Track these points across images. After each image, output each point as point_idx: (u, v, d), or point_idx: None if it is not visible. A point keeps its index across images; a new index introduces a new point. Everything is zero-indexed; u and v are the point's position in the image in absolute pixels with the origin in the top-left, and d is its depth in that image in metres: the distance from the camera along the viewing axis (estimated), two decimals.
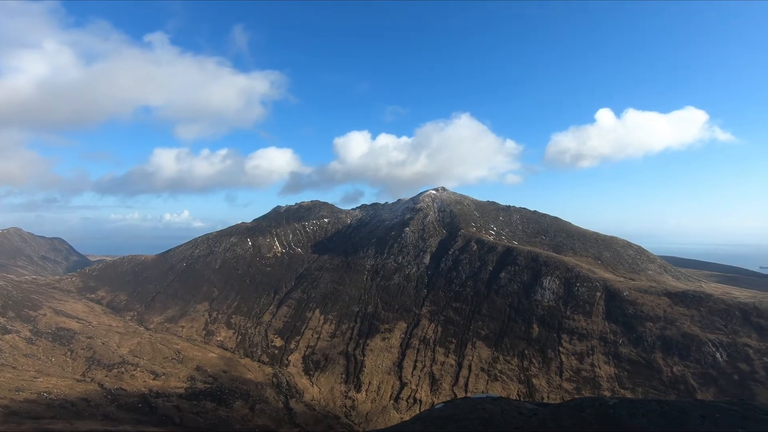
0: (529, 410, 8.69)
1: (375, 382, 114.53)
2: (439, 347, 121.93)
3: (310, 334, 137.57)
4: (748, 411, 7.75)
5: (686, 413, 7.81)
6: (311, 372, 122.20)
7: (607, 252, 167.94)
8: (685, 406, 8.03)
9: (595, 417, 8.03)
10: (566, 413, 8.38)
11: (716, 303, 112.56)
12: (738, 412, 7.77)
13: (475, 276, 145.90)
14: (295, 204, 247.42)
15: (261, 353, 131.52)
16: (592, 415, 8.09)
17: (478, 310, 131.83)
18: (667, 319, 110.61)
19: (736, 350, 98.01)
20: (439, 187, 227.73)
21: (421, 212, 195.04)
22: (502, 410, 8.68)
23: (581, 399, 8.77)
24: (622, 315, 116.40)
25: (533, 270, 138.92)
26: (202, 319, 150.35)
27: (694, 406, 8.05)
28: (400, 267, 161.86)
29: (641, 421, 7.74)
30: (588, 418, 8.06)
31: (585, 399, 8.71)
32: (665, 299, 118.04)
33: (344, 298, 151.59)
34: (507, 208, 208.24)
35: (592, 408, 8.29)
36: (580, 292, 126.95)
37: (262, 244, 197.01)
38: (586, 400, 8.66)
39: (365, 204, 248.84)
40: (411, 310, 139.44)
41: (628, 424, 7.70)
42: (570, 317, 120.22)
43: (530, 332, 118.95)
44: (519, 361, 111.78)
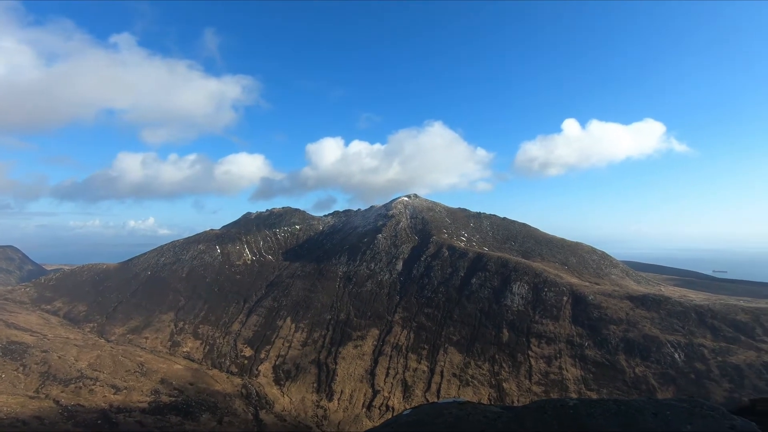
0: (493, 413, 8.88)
1: (347, 391, 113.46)
2: (412, 353, 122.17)
3: (281, 343, 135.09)
4: (696, 408, 8.24)
5: (640, 411, 8.20)
6: (282, 382, 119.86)
7: (573, 257, 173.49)
8: (639, 405, 8.43)
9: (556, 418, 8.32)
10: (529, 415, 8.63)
11: (674, 306, 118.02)
12: (687, 409, 8.24)
13: (447, 282, 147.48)
14: (266, 210, 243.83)
15: (230, 364, 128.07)
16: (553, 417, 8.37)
17: (449, 315, 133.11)
18: (630, 322, 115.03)
19: (692, 350, 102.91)
20: (411, 194, 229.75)
21: (394, 219, 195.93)
22: (468, 414, 8.84)
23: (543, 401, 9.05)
24: (587, 318, 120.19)
25: (503, 275, 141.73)
26: (167, 329, 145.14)
27: (647, 404, 8.46)
28: (373, 274, 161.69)
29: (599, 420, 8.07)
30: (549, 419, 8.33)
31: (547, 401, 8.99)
32: (627, 302, 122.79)
33: (316, 305, 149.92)
34: (478, 214, 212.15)
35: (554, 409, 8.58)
36: (548, 296, 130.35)
37: (231, 252, 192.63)
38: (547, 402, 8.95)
39: (338, 210, 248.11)
40: (383, 317, 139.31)
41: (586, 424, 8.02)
42: (538, 321, 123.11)
43: (500, 337, 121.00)
44: (490, 366, 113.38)
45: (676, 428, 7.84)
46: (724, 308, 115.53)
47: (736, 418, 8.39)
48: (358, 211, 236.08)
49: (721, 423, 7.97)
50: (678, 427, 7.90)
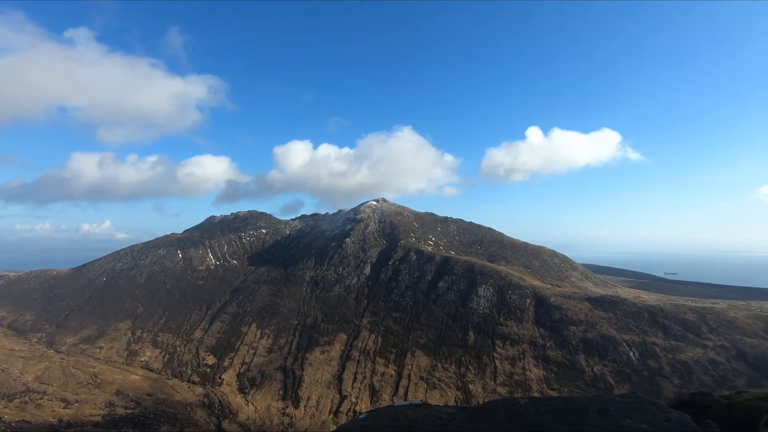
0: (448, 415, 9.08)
1: (314, 397, 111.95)
2: (380, 358, 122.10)
3: (245, 350, 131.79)
4: (637, 403, 8.74)
5: (586, 408, 8.61)
6: (246, 390, 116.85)
7: (536, 261, 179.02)
8: (585, 402, 8.85)
9: (508, 417, 8.60)
10: (482, 415, 8.88)
11: (629, 306, 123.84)
12: (628, 404, 8.72)
13: (415, 286, 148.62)
14: (230, 214, 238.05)
15: (191, 372, 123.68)
16: (505, 416, 8.65)
17: (417, 319, 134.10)
18: (589, 323, 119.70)
19: (646, 349, 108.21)
20: (379, 198, 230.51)
21: (362, 223, 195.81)
22: (423, 416, 8.99)
23: (496, 401, 9.34)
24: (549, 320, 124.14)
25: (469, 279, 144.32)
26: (124, 338, 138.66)
27: (592, 401, 8.90)
28: (341, 278, 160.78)
29: (547, 417, 8.42)
30: (501, 419, 8.60)
31: (499, 401, 9.29)
32: (587, 304, 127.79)
33: (282, 311, 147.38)
34: (445, 219, 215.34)
35: (506, 409, 8.87)
36: (512, 299, 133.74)
37: (194, 256, 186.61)
38: (500, 402, 9.24)
39: (305, 214, 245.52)
40: (351, 322, 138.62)
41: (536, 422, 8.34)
42: (503, 323, 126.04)
43: (467, 339, 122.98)
44: (456, 368, 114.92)
45: (618, 422, 8.26)
46: (674, 308, 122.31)
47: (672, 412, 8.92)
48: (326, 215, 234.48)
49: (657, 416, 8.47)
50: (619, 421, 8.32)
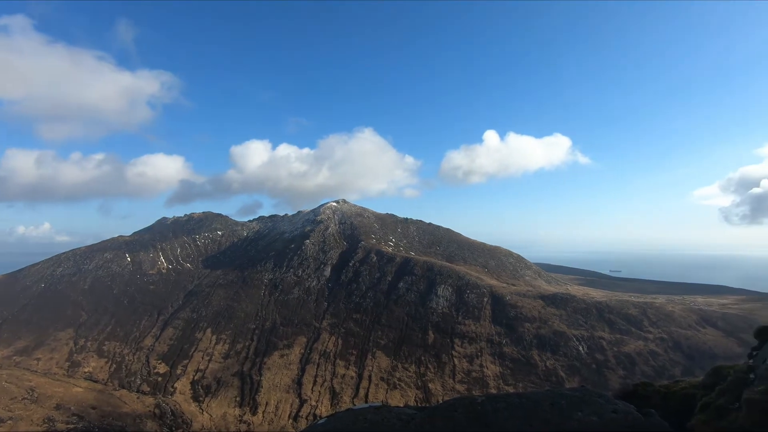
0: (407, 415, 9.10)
1: (273, 402, 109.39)
2: (340, 360, 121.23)
3: (200, 356, 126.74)
4: (586, 396, 9.14)
5: (539, 403, 8.90)
6: (201, 398, 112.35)
7: (493, 261, 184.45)
8: (538, 397, 9.15)
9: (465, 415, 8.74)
10: (441, 415, 8.98)
11: (579, 303, 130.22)
12: (578, 397, 9.10)
13: (375, 287, 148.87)
14: (184, 215, 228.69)
15: (141, 382, 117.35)
16: (463, 414, 8.78)
17: (377, 320, 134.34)
18: (542, 319, 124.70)
19: (593, 343, 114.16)
20: (340, 199, 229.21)
21: (322, 224, 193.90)
22: (383, 418, 8.97)
23: (454, 400, 9.48)
24: (505, 317, 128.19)
25: (429, 279, 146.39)
26: (65, 348, 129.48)
27: (545, 396, 9.21)
28: (300, 280, 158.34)
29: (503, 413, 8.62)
30: (459, 417, 8.73)
31: (457, 399, 9.42)
32: (540, 301, 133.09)
33: (239, 315, 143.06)
34: (405, 220, 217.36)
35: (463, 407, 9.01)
36: (470, 298, 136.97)
37: (144, 260, 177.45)
38: (458, 401, 9.37)
39: (263, 216, 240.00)
40: (311, 324, 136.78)
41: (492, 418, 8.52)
42: (461, 322, 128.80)
43: (426, 339, 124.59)
44: (416, 368, 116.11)
45: (569, 415, 8.58)
46: (619, 304, 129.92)
47: (619, 403, 9.34)
48: (285, 216, 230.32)
49: (605, 408, 8.84)
50: (570, 414, 8.64)
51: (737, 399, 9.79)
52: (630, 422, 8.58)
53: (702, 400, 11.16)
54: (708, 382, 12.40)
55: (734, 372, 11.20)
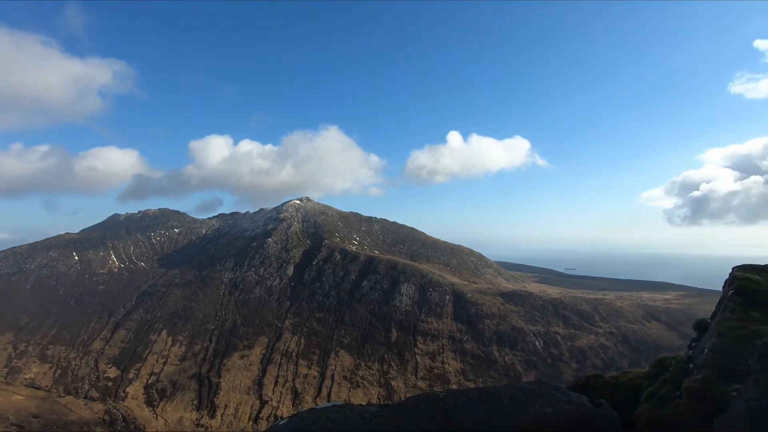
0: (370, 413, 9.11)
1: (232, 404, 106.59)
2: (302, 360, 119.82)
3: (154, 359, 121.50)
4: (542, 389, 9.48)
5: (499, 397, 9.15)
6: (155, 402, 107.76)
7: (455, 259, 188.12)
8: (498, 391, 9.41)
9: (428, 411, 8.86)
10: (404, 412, 9.05)
11: (536, 300, 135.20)
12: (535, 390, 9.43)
13: (339, 285, 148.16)
14: (138, 212, 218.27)
15: (89, 388, 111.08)
16: (425, 410, 8.89)
17: (341, 319, 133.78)
18: (501, 316, 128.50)
19: (549, 338, 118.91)
20: (303, 197, 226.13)
21: (285, 222, 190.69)
22: (346, 417, 8.94)
23: (416, 396, 9.58)
24: (466, 315, 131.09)
25: (392, 277, 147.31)
26: (3, 353, 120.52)
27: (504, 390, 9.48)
28: (262, 279, 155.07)
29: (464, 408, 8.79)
30: (422, 413, 8.82)
31: (419, 396, 9.53)
32: (499, 299, 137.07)
33: (197, 315, 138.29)
34: (369, 218, 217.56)
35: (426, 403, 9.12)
36: (432, 296, 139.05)
37: (93, 259, 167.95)
38: (420, 397, 9.48)
39: (224, 213, 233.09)
40: (273, 324, 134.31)
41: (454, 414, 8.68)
42: (424, 320, 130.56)
43: (389, 337, 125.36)
44: (379, 366, 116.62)
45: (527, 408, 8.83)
46: (573, 300, 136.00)
47: (572, 394, 9.73)
48: (246, 213, 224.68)
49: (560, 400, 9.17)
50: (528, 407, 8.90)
51: (678, 388, 10.49)
52: (583, 412, 8.97)
53: (647, 390, 11.90)
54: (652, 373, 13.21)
55: (675, 362, 11.99)
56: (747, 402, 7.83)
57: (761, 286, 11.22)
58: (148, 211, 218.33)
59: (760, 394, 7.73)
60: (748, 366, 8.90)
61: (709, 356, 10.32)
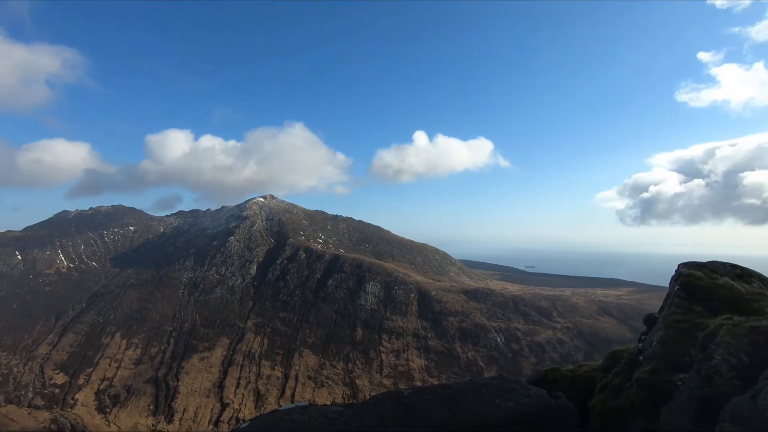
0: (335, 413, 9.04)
1: (191, 408, 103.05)
2: (266, 360, 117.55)
3: (107, 363, 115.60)
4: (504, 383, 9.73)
5: (462, 393, 9.30)
6: (108, 409, 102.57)
7: (420, 257, 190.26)
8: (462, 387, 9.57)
9: (392, 409, 8.88)
10: (368, 410, 9.03)
11: (497, 297, 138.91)
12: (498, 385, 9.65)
13: (303, 284, 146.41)
14: (89, 209, 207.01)
15: (34, 396, 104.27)
16: (390, 408, 8.91)
17: (305, 318, 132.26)
18: (464, 313, 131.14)
19: (510, 334, 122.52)
20: (267, 194, 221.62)
21: (248, 220, 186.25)
22: (310, 418, 8.82)
23: (381, 395, 9.59)
24: (431, 312, 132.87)
25: (358, 276, 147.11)
26: None
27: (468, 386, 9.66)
28: (224, 279, 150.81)
29: (429, 405, 8.88)
30: (386, 411, 8.84)
31: (384, 394, 9.55)
32: (463, 296, 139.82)
33: (154, 317, 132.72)
34: (335, 217, 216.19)
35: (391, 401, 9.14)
36: (397, 294, 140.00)
37: (38, 258, 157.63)
38: (385, 395, 9.50)
39: (183, 211, 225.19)
40: (235, 325, 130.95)
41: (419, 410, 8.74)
42: (389, 318, 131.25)
43: (355, 336, 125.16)
44: (344, 365, 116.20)
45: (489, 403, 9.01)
46: (532, 297, 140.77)
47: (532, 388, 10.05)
48: (207, 211, 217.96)
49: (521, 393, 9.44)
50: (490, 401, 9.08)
51: (629, 379, 11.05)
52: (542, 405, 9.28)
53: (601, 382, 12.48)
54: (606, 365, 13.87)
55: (627, 355, 12.63)
56: (690, 391, 8.37)
57: (703, 282, 12.00)
58: (101, 208, 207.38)
59: (701, 383, 8.26)
60: (691, 357, 9.49)
61: (656, 348, 10.92)
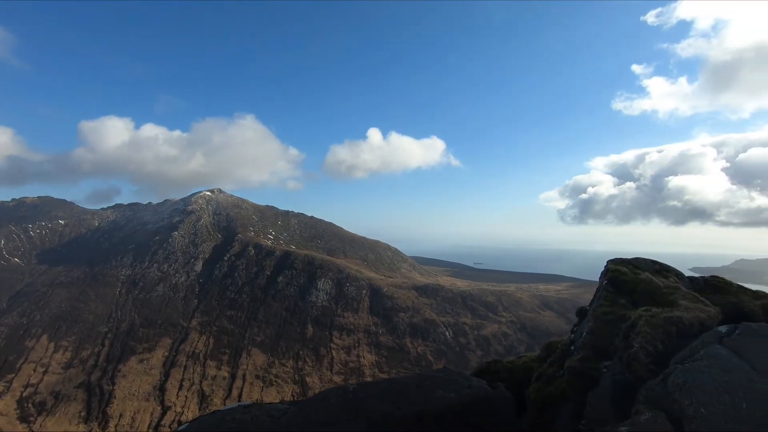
0: (279, 411, 8.95)
1: (129, 413, 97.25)
2: (211, 360, 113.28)
3: (31, 368, 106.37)
4: (447, 375, 10.11)
5: (406, 386, 9.56)
6: (32, 417, 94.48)
7: (372, 254, 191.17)
8: (406, 381, 9.82)
9: (338, 405, 8.93)
10: (314, 406, 9.03)
11: (447, 293, 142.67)
12: (441, 377, 10.00)
13: (252, 282, 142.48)
14: (12, 200, 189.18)
15: None
16: (336, 404, 8.97)
17: (254, 316, 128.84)
18: (415, 309, 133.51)
19: (458, 328, 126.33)
20: (215, 188, 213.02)
21: (194, 215, 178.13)
22: (253, 417, 8.67)
23: (327, 390, 9.62)
24: (382, 308, 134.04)
25: (309, 273, 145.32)
26: None
27: (412, 379, 9.93)
28: (166, 276, 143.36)
29: (374, 399, 9.04)
30: (332, 407, 8.89)
31: (330, 390, 9.59)
32: (413, 292, 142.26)
33: (87, 317, 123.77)
34: (286, 213, 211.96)
35: (336, 397, 9.20)
36: (349, 291, 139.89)
37: None
38: (330, 391, 9.54)
39: (121, 204, 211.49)
40: (178, 324, 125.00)
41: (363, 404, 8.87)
42: (341, 315, 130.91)
43: (305, 333, 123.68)
44: (294, 363, 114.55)
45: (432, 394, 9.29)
46: (479, 292, 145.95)
47: (473, 379, 10.49)
48: (148, 204, 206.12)
49: (462, 385, 9.84)
50: (433, 393, 9.36)
51: (562, 368, 11.84)
52: (482, 395, 9.73)
53: (537, 371, 13.29)
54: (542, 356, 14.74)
55: (560, 345, 13.51)
56: (612, 376, 9.14)
57: (627, 276, 13.07)
58: (26, 199, 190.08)
59: (622, 369, 9.03)
60: (615, 346, 10.33)
61: (586, 339, 11.76)
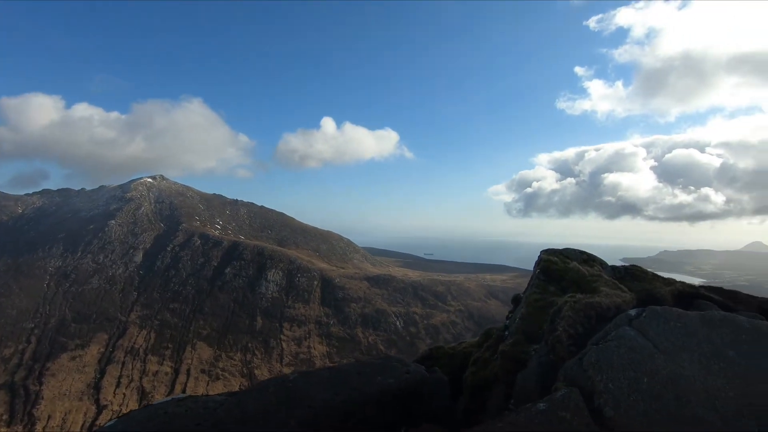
0: (215, 403, 8.79)
1: (59, 414, 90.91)
2: (152, 356, 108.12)
3: None
4: (388, 362, 10.40)
5: (347, 374, 9.73)
6: None
7: (324, 245, 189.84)
8: (347, 369, 10.00)
9: (277, 395, 8.92)
10: (251, 397, 8.96)
11: (398, 283, 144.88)
12: (381, 364, 10.27)
13: (198, 273, 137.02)
14: None
15: None
16: (274, 394, 8.95)
17: (200, 309, 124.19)
18: (366, 299, 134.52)
19: (409, 318, 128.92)
20: (157, 175, 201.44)
21: (133, 203, 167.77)
22: (187, 410, 8.44)
23: (267, 380, 9.60)
24: (334, 299, 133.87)
25: (259, 264, 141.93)
26: None
27: (353, 367, 10.13)
28: (102, 267, 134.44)
29: (314, 387, 9.14)
30: (270, 397, 8.86)
31: (269, 380, 9.56)
32: (365, 283, 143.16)
33: (9, 312, 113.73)
34: (235, 202, 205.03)
35: (275, 386, 9.18)
36: (300, 282, 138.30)
37: None
38: (270, 381, 9.51)
39: (49, 189, 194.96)
40: (115, 318, 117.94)
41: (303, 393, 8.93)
42: (291, 306, 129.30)
43: (254, 325, 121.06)
44: (242, 356, 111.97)
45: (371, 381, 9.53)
46: (430, 282, 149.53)
47: (411, 365, 10.87)
48: (81, 191, 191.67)
49: (401, 370, 10.18)
50: (372, 379, 9.62)
51: (496, 352, 12.54)
52: (419, 379, 10.12)
53: (474, 356, 13.97)
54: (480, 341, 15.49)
55: (496, 331, 14.30)
56: (539, 358, 9.82)
57: (558, 265, 14.03)
58: None
59: (547, 352, 9.72)
60: (543, 330, 11.09)
61: (518, 324, 12.52)
